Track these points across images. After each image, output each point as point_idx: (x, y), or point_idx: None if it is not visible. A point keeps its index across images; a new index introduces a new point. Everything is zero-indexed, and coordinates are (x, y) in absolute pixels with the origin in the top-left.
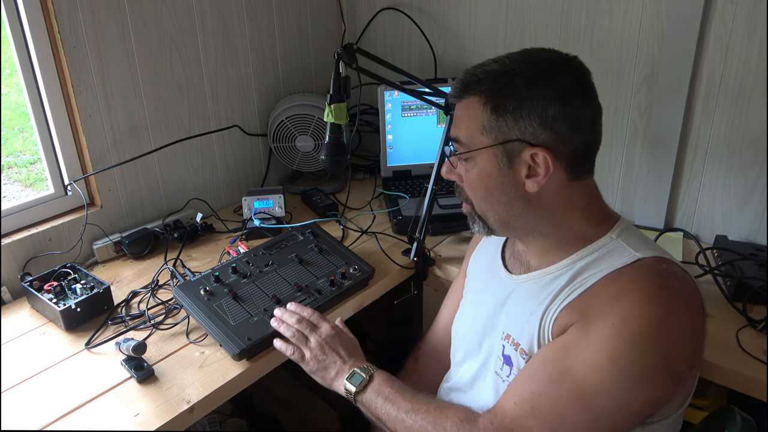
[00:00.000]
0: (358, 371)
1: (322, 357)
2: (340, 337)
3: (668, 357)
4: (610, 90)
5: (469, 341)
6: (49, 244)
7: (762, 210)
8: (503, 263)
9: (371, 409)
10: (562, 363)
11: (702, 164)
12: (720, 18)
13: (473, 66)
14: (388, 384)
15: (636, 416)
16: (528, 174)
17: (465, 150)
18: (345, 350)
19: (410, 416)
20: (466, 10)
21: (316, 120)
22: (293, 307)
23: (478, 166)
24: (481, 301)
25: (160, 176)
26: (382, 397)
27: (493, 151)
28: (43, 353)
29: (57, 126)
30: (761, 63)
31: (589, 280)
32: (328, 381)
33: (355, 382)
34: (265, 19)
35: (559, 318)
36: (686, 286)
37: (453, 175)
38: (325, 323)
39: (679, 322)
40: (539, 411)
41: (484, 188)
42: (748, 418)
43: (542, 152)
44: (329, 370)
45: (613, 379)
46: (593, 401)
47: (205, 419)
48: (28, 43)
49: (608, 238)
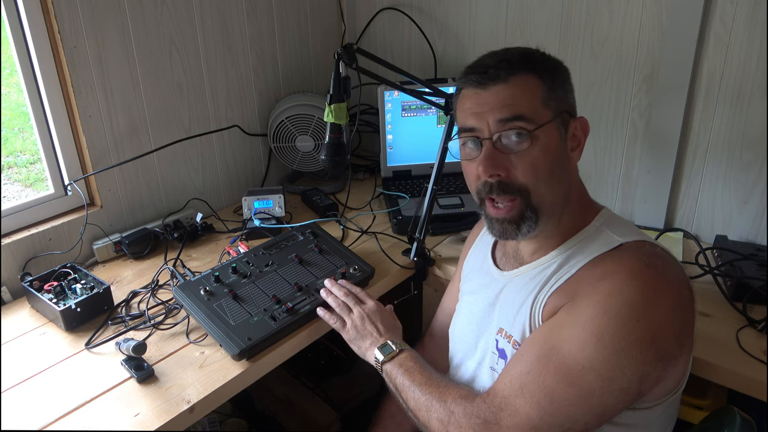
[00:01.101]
0: (390, 343)
1: (361, 327)
2: (382, 314)
3: (654, 332)
4: (610, 90)
5: (466, 342)
6: (49, 244)
7: (762, 210)
8: (494, 262)
9: (391, 379)
10: (548, 342)
11: (702, 164)
12: (720, 18)
13: (491, 53)
14: (412, 359)
15: (624, 392)
16: (572, 146)
17: (534, 126)
18: (384, 326)
19: (421, 389)
20: (466, 10)
21: (316, 120)
22: (343, 282)
23: (542, 141)
24: (475, 302)
25: (160, 176)
26: (404, 369)
27: (555, 123)
28: (43, 353)
29: (57, 126)
30: (761, 63)
31: (575, 266)
32: (363, 350)
33: (385, 352)
34: (265, 19)
35: (549, 303)
36: (670, 266)
37: (500, 169)
38: (371, 300)
39: (664, 298)
40: (527, 389)
41: (549, 164)
42: (748, 418)
43: (581, 122)
44: (366, 339)
45: (598, 354)
46: (580, 377)
47: (205, 419)
48: (28, 43)
49: (592, 226)
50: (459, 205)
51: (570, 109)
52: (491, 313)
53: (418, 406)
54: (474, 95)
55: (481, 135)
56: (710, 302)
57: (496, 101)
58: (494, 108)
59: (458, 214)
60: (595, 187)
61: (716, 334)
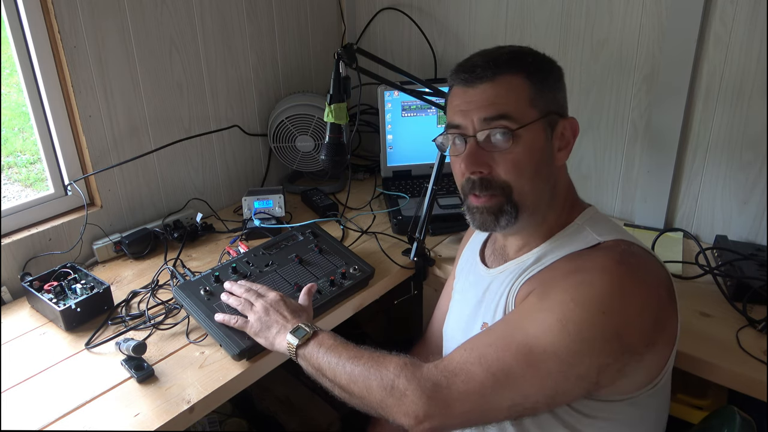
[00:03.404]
0: (303, 326)
1: (265, 318)
2: (286, 302)
3: (619, 326)
4: (610, 90)
5: (457, 341)
6: (49, 244)
7: (762, 210)
8: (482, 260)
9: (312, 361)
10: (514, 322)
11: (702, 164)
12: (720, 18)
13: (481, 51)
14: (332, 338)
15: (580, 379)
16: (559, 146)
17: (517, 125)
18: (290, 312)
19: (352, 362)
20: (466, 10)
21: (316, 120)
22: (243, 282)
23: (527, 141)
24: (465, 300)
25: (160, 176)
26: (324, 347)
27: (541, 123)
28: (43, 353)
29: (57, 126)
30: (761, 63)
31: (550, 260)
32: (271, 339)
33: (299, 335)
34: (265, 19)
35: (521, 291)
36: (645, 265)
37: (483, 166)
38: (273, 292)
39: (633, 295)
40: (485, 359)
41: (534, 164)
42: (747, 418)
43: (570, 122)
44: (272, 328)
45: (561, 340)
46: (539, 360)
47: (205, 419)
48: (28, 43)
49: (575, 224)
50: (459, 205)
51: (559, 109)
52: (478, 310)
53: (353, 379)
54: (462, 93)
55: (465, 132)
56: (710, 302)
57: (482, 100)
58: (480, 106)
59: (458, 214)
60: (595, 187)
61: (716, 334)
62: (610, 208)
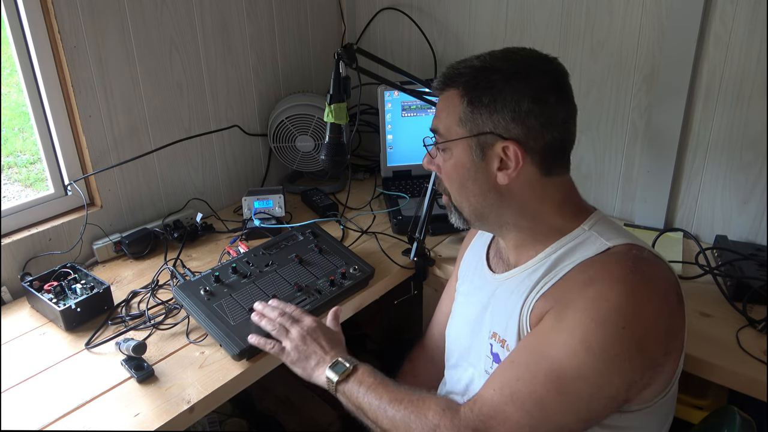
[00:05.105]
0: (342, 361)
1: (303, 347)
2: (322, 330)
3: (640, 339)
4: (610, 90)
5: (461, 344)
6: (49, 244)
7: (762, 210)
8: (487, 263)
9: (352, 399)
10: (538, 349)
11: (702, 164)
12: (720, 18)
13: (456, 61)
14: (371, 375)
15: (611, 400)
16: (500, 167)
17: (443, 140)
18: (327, 342)
19: (393, 406)
20: (466, 10)
21: (316, 120)
22: (275, 303)
23: (454, 156)
24: (469, 303)
25: (160, 176)
26: (365, 386)
27: (467, 142)
28: (43, 353)
29: (57, 126)
30: (761, 63)
31: (562, 270)
32: (309, 371)
33: (338, 371)
34: (265, 19)
35: (536, 308)
36: (657, 271)
37: (432, 166)
38: (308, 317)
39: (649, 304)
40: (517, 396)
41: (459, 178)
42: (747, 418)
43: (513, 146)
44: (310, 360)
45: (587, 362)
46: (569, 385)
47: (205, 419)
48: (28, 43)
49: (581, 229)
50: None
51: (498, 130)
52: (484, 316)
53: (394, 424)
54: None
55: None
56: (710, 302)
57: (436, 109)
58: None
59: None
60: (595, 187)
61: (716, 334)
62: (610, 208)
